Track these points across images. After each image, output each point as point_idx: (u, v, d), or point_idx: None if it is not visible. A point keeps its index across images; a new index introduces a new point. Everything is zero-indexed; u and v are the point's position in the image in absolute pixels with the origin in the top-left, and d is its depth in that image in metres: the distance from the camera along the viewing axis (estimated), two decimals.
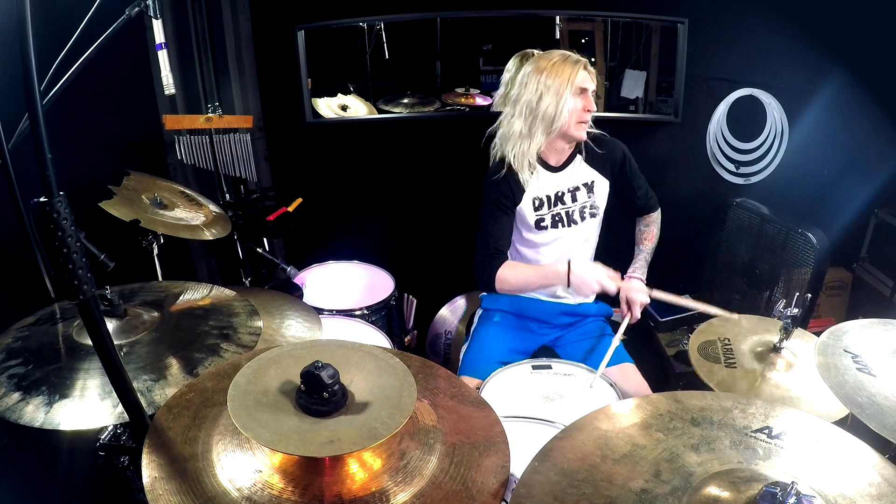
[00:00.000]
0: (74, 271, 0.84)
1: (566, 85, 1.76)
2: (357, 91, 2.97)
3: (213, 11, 2.68)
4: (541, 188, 1.90)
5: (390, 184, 3.03)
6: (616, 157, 1.96)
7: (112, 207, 1.73)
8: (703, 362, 1.57)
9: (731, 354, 1.58)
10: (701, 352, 1.61)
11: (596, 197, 1.95)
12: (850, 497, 0.87)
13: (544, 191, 1.90)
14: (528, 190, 1.88)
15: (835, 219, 2.48)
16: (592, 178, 1.94)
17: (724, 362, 1.56)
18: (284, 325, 1.66)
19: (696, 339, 1.65)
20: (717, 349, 1.61)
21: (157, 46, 1.62)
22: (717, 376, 1.51)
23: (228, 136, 2.50)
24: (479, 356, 1.93)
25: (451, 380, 1.20)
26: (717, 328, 1.69)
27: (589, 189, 1.94)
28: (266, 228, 2.36)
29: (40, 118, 0.81)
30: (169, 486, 0.88)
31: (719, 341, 1.63)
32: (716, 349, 1.61)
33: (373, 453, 0.96)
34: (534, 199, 1.89)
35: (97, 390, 1.15)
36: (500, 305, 2.05)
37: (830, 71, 2.38)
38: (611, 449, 0.96)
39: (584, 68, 1.80)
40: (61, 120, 1.73)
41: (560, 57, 1.80)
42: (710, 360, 1.57)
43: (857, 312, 2.62)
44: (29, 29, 0.79)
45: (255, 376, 0.98)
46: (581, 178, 1.93)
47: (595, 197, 1.95)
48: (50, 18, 1.28)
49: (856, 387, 1.21)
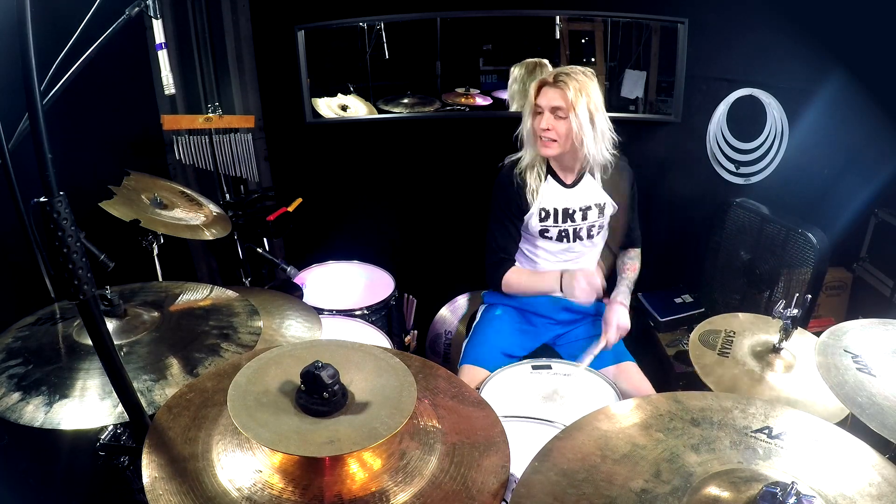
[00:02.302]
0: (74, 271, 0.84)
1: (527, 105, 1.83)
2: (357, 91, 2.97)
3: (213, 11, 2.68)
4: (550, 201, 1.90)
5: (390, 184, 3.03)
6: (628, 183, 1.98)
7: (112, 207, 1.73)
8: (697, 345, 1.61)
9: (728, 346, 1.60)
10: (702, 337, 1.64)
11: (604, 218, 1.97)
12: (850, 497, 0.87)
13: (552, 203, 1.91)
14: (536, 200, 1.89)
15: (835, 219, 2.48)
16: (604, 201, 1.95)
17: (719, 350, 1.58)
18: (284, 325, 1.66)
19: (704, 326, 1.68)
20: (718, 339, 1.63)
21: (157, 46, 1.62)
22: (705, 360, 1.54)
23: (228, 136, 2.50)
24: (481, 346, 1.94)
25: (451, 380, 1.20)
26: (730, 322, 1.69)
27: (600, 210, 1.95)
28: (266, 228, 2.36)
29: (40, 118, 0.81)
30: (169, 486, 0.88)
31: (724, 332, 1.65)
32: (717, 338, 1.63)
33: (373, 453, 0.96)
34: (541, 209, 1.90)
35: (97, 390, 1.15)
36: (503, 300, 2.06)
37: (830, 71, 2.37)
38: (611, 449, 0.96)
39: (543, 85, 1.79)
40: (61, 120, 1.73)
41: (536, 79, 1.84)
42: (707, 346, 1.60)
43: (857, 312, 2.62)
44: (29, 29, 0.79)
45: (255, 376, 0.98)
46: (594, 198, 1.94)
47: (604, 218, 1.96)
48: (50, 18, 1.28)
49: (856, 387, 1.21)
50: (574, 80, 1.74)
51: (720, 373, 1.51)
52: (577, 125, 1.76)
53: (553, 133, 1.79)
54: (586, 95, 1.75)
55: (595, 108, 1.77)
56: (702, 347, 1.60)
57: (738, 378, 1.50)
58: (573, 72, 1.77)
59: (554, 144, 1.81)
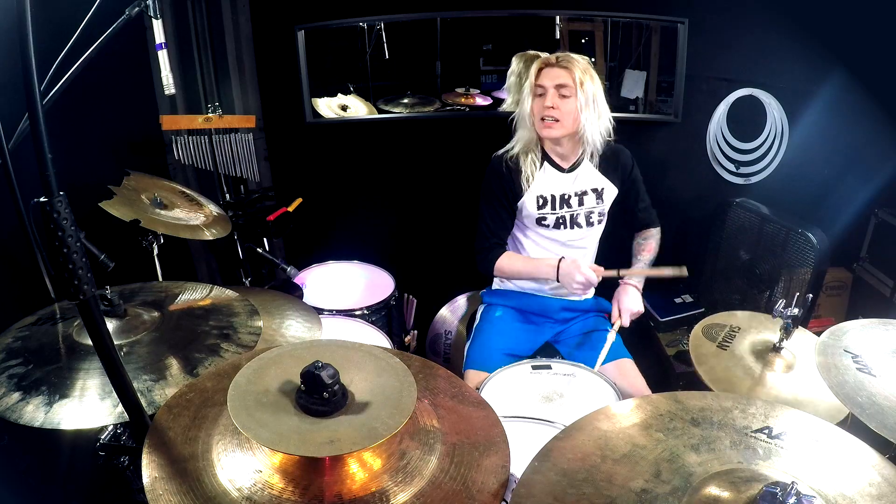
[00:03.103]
0: (74, 271, 0.84)
1: (527, 87, 1.83)
2: (357, 91, 2.96)
3: (213, 11, 2.68)
4: (546, 187, 1.90)
5: (390, 184, 3.03)
6: (625, 164, 1.98)
7: (112, 207, 1.73)
8: (699, 336, 1.63)
9: (729, 340, 1.61)
10: (705, 329, 1.66)
11: (604, 204, 1.96)
12: (850, 497, 0.87)
13: (550, 190, 1.90)
14: (532, 186, 1.88)
15: (835, 219, 2.48)
16: (602, 185, 1.95)
17: (720, 343, 1.60)
18: (284, 325, 1.66)
19: (711, 320, 1.69)
20: (721, 332, 1.64)
21: (157, 46, 1.62)
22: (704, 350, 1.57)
23: (228, 136, 2.49)
24: (483, 349, 1.94)
25: (451, 380, 1.20)
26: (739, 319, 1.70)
27: (598, 195, 1.94)
28: (266, 228, 2.36)
29: (40, 118, 0.81)
30: (169, 486, 0.88)
31: (729, 328, 1.66)
32: (720, 331, 1.65)
33: (373, 453, 0.96)
34: (538, 196, 1.89)
35: (97, 390, 1.15)
36: (502, 300, 2.06)
37: (830, 71, 2.37)
38: (611, 449, 0.96)
39: (545, 65, 1.80)
40: (61, 120, 1.73)
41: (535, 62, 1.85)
42: (708, 337, 1.62)
43: (857, 312, 2.62)
44: (29, 29, 0.79)
45: (255, 376, 0.98)
46: (590, 182, 1.93)
47: (604, 204, 1.96)
48: (50, 18, 1.28)
49: (856, 387, 1.21)
50: (578, 61, 1.79)
51: (713, 363, 1.53)
52: (584, 101, 1.78)
53: (557, 112, 1.78)
54: (590, 76, 1.80)
55: (597, 90, 1.81)
56: (703, 338, 1.62)
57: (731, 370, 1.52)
58: (575, 56, 1.81)
59: (556, 125, 1.80)
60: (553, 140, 1.87)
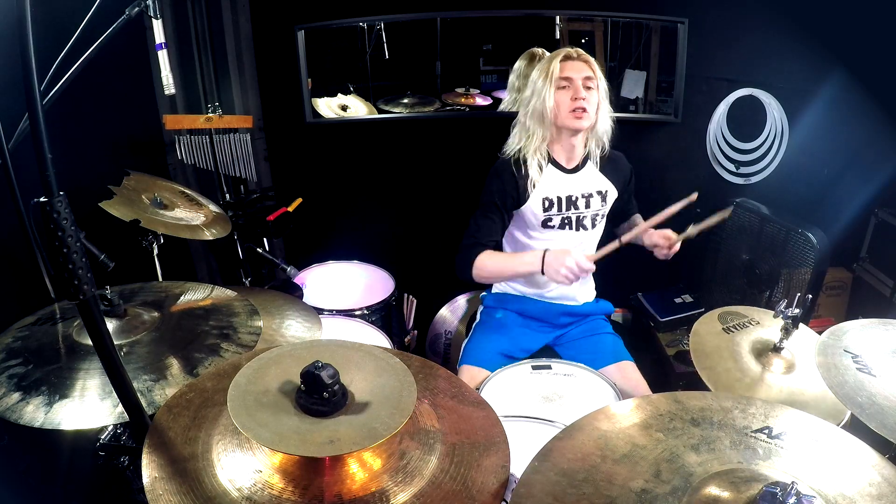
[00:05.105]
0: (74, 271, 0.84)
1: (547, 80, 1.81)
2: (357, 91, 2.96)
3: (213, 11, 2.68)
4: (552, 189, 1.88)
5: (390, 184, 3.03)
6: (626, 170, 2.01)
7: (112, 207, 1.73)
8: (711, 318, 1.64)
9: (739, 327, 1.62)
10: (721, 314, 1.67)
11: (607, 206, 1.97)
12: (850, 497, 0.87)
13: (555, 192, 1.88)
14: (536, 189, 1.86)
15: (835, 219, 2.47)
16: (606, 188, 1.95)
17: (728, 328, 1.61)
18: (284, 325, 1.66)
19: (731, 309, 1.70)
20: (737, 320, 1.65)
21: (157, 46, 1.62)
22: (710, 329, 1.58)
23: (228, 136, 2.49)
24: (480, 346, 1.93)
25: (451, 380, 1.20)
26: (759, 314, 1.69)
27: (603, 198, 1.95)
28: (266, 228, 2.36)
29: (40, 118, 0.81)
30: (169, 486, 0.88)
31: (747, 319, 1.66)
32: (735, 319, 1.65)
33: (373, 453, 0.96)
34: (544, 198, 1.87)
35: (97, 390, 1.15)
36: (503, 304, 2.06)
37: (830, 71, 2.37)
38: (611, 449, 0.96)
39: (567, 59, 1.80)
40: (61, 120, 1.73)
41: (549, 55, 1.86)
42: (723, 322, 1.63)
43: (857, 312, 2.62)
44: (29, 29, 0.79)
45: (255, 376, 0.98)
46: (596, 185, 1.94)
47: (606, 206, 1.97)
48: (50, 18, 1.28)
49: (856, 387, 1.21)
50: (590, 57, 1.83)
51: (713, 363, 1.52)
52: (604, 93, 1.83)
53: (586, 103, 1.79)
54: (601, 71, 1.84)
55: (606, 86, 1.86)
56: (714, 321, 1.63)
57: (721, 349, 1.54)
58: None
59: (586, 115, 1.80)
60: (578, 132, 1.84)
